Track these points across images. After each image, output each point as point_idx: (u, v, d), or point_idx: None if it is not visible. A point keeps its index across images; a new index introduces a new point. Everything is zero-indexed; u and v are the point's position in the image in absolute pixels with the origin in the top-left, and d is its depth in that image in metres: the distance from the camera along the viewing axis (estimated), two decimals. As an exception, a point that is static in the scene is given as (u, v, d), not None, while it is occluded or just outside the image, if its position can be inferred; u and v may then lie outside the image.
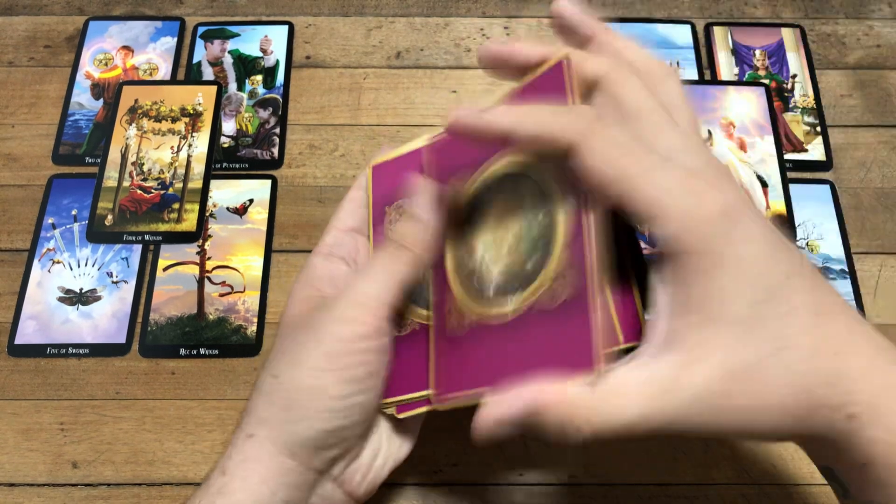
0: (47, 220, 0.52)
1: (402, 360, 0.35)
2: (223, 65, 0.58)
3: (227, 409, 0.46)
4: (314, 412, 0.32)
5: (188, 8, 0.61)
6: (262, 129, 0.56)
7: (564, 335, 0.29)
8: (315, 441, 0.32)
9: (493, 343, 0.31)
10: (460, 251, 0.34)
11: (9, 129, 0.56)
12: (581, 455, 0.44)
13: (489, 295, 0.32)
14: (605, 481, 0.44)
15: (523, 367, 0.30)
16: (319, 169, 0.54)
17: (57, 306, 0.49)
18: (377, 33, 0.60)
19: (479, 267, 0.33)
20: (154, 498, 0.44)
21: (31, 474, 0.44)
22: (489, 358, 0.31)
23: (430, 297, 0.35)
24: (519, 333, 0.31)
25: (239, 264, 0.50)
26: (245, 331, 0.48)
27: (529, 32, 0.60)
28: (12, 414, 0.46)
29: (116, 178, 0.53)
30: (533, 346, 0.30)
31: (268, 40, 0.59)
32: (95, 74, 0.58)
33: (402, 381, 0.35)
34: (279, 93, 0.57)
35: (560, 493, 0.43)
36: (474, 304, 0.33)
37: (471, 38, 0.59)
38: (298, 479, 0.33)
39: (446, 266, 0.35)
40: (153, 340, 0.48)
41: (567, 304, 0.29)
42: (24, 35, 0.60)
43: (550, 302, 0.30)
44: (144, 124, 0.55)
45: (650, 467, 0.44)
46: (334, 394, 0.32)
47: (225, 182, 0.53)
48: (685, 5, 0.61)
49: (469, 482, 0.44)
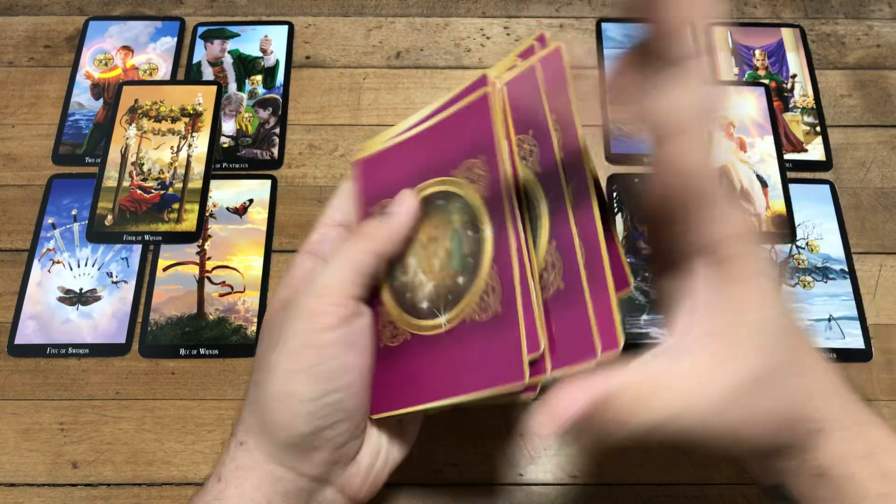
0: (47, 220, 0.52)
1: (393, 370, 0.34)
2: (223, 65, 0.58)
3: (227, 409, 0.46)
4: (290, 417, 0.32)
5: (188, 8, 0.61)
6: (261, 129, 0.56)
7: (495, 347, 0.30)
8: (297, 446, 0.32)
9: (428, 355, 0.33)
10: (392, 266, 0.35)
11: (9, 129, 0.56)
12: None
13: (423, 308, 0.34)
14: (605, 481, 0.44)
15: (457, 377, 0.31)
16: (319, 169, 0.54)
17: (57, 306, 0.49)
18: (377, 33, 0.60)
19: (412, 281, 0.34)
20: (154, 498, 0.44)
21: (31, 474, 0.44)
22: (424, 370, 0.33)
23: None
24: (453, 345, 0.32)
25: (239, 264, 0.50)
26: (245, 331, 0.48)
27: (529, 33, 0.60)
28: (12, 414, 0.46)
29: (116, 178, 0.53)
30: (466, 357, 0.31)
31: (268, 40, 0.59)
32: (95, 74, 0.58)
33: (395, 392, 0.34)
34: (279, 93, 0.57)
35: (560, 493, 0.43)
36: (408, 318, 0.34)
37: (471, 38, 0.59)
38: (291, 487, 0.33)
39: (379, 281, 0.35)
40: (153, 340, 0.48)
41: (497, 317, 0.31)
42: (24, 35, 0.60)
43: (481, 315, 0.31)
44: (144, 124, 0.55)
45: (650, 467, 0.44)
46: (306, 396, 0.31)
47: (225, 182, 0.53)
48: (685, 5, 0.61)
49: (469, 482, 0.44)
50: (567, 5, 0.61)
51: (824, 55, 0.59)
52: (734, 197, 0.27)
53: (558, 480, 0.44)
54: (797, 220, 0.52)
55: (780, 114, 0.56)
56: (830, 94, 0.57)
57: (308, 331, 0.32)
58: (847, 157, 0.55)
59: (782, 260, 0.51)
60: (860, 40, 0.60)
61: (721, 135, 0.55)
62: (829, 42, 0.60)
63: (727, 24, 0.60)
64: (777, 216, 0.52)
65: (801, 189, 0.53)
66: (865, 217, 0.52)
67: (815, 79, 0.58)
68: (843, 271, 0.50)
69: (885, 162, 0.54)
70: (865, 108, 0.57)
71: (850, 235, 0.51)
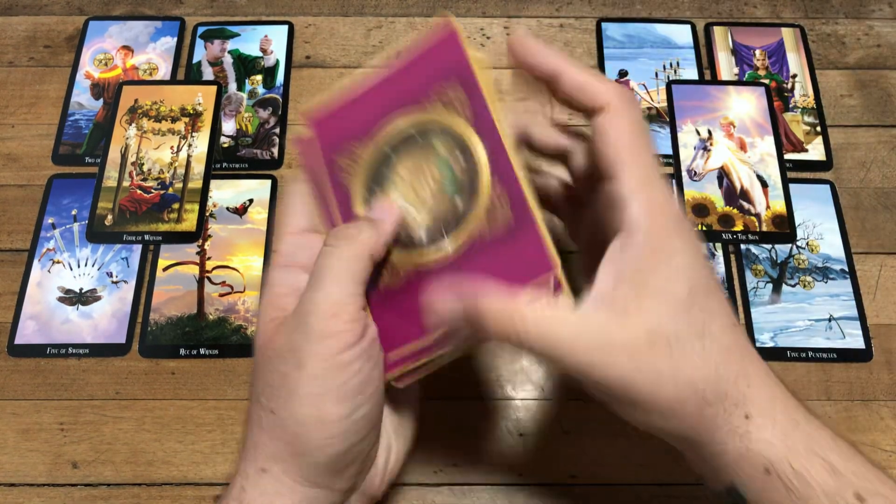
0: (47, 220, 0.52)
1: (398, 311, 0.33)
2: (223, 65, 0.58)
3: (227, 409, 0.46)
4: (323, 440, 0.31)
5: (188, 8, 0.61)
6: (261, 128, 0.56)
7: (515, 254, 0.31)
8: (333, 465, 0.32)
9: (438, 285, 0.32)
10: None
11: (9, 129, 0.56)
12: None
13: (422, 241, 0.33)
14: (605, 481, 0.44)
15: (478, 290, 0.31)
16: (319, 169, 0.54)
17: (57, 306, 0.49)
18: (377, 33, 0.60)
19: (402, 218, 0.34)
20: (154, 498, 0.44)
21: (31, 474, 0.44)
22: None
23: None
24: (465, 269, 0.32)
25: (239, 264, 0.50)
26: (245, 331, 0.48)
27: (529, 33, 0.60)
28: (12, 414, 0.46)
29: (116, 178, 0.53)
30: (485, 275, 0.31)
31: (268, 40, 0.59)
32: (95, 74, 0.58)
33: (399, 334, 0.33)
34: (279, 93, 0.57)
35: (560, 493, 0.43)
36: (407, 255, 0.33)
37: (470, 39, 0.59)
38: (324, 503, 0.33)
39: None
40: (153, 340, 0.48)
41: (510, 227, 0.31)
42: (24, 35, 0.60)
43: (492, 229, 0.32)
44: (144, 124, 0.55)
45: (650, 467, 0.44)
46: (336, 416, 0.31)
47: (225, 182, 0.53)
48: (685, 5, 0.61)
49: (469, 482, 0.44)
50: (567, 5, 0.61)
51: (824, 55, 0.59)
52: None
53: (558, 480, 0.44)
54: (797, 220, 0.52)
55: (780, 114, 0.56)
56: (831, 94, 0.57)
57: (328, 353, 0.31)
58: (847, 157, 0.55)
59: (783, 260, 0.51)
60: (860, 40, 0.60)
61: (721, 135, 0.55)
62: (829, 42, 0.60)
63: (727, 24, 0.60)
64: (777, 216, 0.52)
65: (801, 189, 0.53)
66: (866, 217, 0.52)
67: (816, 79, 0.58)
68: (844, 271, 0.50)
69: (885, 162, 0.54)
70: (865, 108, 0.57)
71: (851, 235, 0.51)
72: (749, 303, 0.49)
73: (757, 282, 0.50)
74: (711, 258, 0.51)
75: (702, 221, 0.52)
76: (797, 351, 0.47)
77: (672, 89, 0.57)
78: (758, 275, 0.50)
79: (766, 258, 0.51)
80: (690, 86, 0.57)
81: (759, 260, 0.50)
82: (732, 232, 0.51)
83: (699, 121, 0.56)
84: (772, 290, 0.49)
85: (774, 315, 0.49)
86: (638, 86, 0.57)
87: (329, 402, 0.31)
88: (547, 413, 0.45)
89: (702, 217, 0.52)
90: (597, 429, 0.45)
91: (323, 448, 0.31)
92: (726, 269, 0.50)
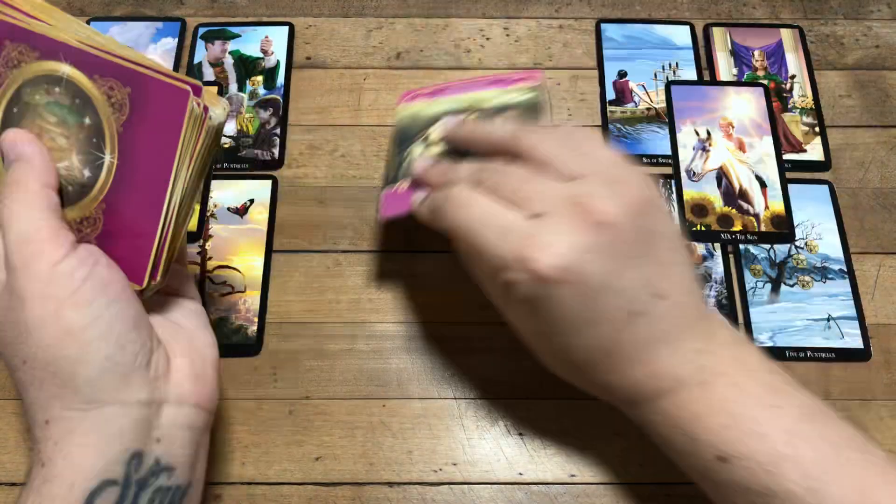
0: (48, 221, 0.52)
1: (120, 243, 0.34)
2: (224, 65, 0.58)
3: (227, 409, 0.46)
4: (79, 352, 0.30)
5: (189, 9, 0.61)
6: (262, 129, 0.56)
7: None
8: (106, 376, 0.31)
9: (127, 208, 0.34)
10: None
11: (10, 130, 0.56)
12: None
13: (90, 178, 0.34)
14: (605, 481, 0.44)
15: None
16: (320, 169, 0.54)
17: (58, 306, 0.49)
18: (377, 34, 0.60)
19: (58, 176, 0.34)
20: (155, 497, 0.44)
21: (32, 474, 0.44)
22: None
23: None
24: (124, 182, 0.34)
25: (240, 264, 0.51)
26: (246, 331, 0.48)
27: (529, 33, 0.60)
28: (13, 413, 0.46)
29: (117, 179, 0.53)
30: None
31: (268, 41, 0.59)
32: (96, 75, 0.58)
33: (132, 257, 0.34)
34: (280, 93, 0.57)
35: (560, 493, 0.43)
36: (88, 200, 0.34)
37: (471, 39, 0.60)
38: (124, 422, 0.31)
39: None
40: (154, 340, 0.48)
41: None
42: (24, 36, 0.60)
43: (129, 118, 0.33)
44: (145, 125, 0.55)
45: (650, 467, 0.44)
46: (81, 324, 0.30)
47: (225, 182, 0.54)
48: (684, 6, 0.62)
49: (469, 482, 0.44)
50: (567, 6, 0.61)
51: (823, 56, 0.59)
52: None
53: (558, 480, 0.44)
54: (796, 221, 0.52)
55: (779, 114, 0.56)
56: (829, 94, 0.57)
57: (41, 274, 0.31)
58: (846, 158, 0.55)
59: (781, 260, 0.51)
60: (859, 41, 0.60)
61: (720, 135, 0.55)
62: (828, 43, 0.60)
63: (726, 25, 0.60)
64: (776, 216, 0.52)
65: (800, 189, 0.53)
66: (864, 217, 0.52)
67: (814, 79, 0.58)
68: (842, 271, 0.50)
69: (883, 162, 0.55)
70: (864, 108, 0.57)
71: (849, 235, 0.51)
72: (748, 303, 0.49)
73: (756, 282, 0.50)
74: (710, 258, 0.51)
75: (701, 222, 0.52)
76: (796, 350, 0.48)
77: (671, 90, 0.57)
78: (756, 275, 0.50)
79: (764, 258, 0.51)
80: (689, 86, 0.57)
81: (758, 260, 0.51)
82: (731, 232, 0.51)
83: (698, 121, 0.56)
84: (770, 290, 0.50)
85: (773, 315, 0.49)
86: (637, 86, 0.57)
87: (68, 313, 0.30)
88: (547, 412, 0.46)
89: (701, 217, 0.52)
90: (597, 429, 0.45)
91: (84, 360, 0.31)
92: (725, 269, 0.50)
